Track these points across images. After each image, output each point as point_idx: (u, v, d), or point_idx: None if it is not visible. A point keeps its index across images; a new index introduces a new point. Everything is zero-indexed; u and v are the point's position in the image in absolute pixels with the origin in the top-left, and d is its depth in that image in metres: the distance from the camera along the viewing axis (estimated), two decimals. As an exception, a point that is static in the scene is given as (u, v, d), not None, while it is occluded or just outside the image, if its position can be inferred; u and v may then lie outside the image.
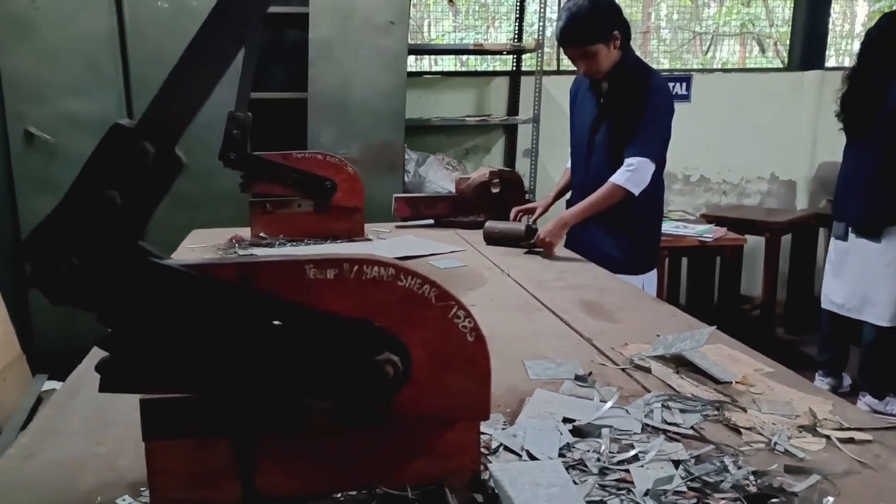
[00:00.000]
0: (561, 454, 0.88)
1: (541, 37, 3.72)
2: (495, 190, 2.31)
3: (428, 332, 0.73)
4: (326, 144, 2.94)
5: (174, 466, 0.76)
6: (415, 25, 4.73)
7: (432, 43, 4.38)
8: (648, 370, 1.15)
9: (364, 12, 3.01)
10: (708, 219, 3.77)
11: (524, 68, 3.97)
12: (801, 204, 4.37)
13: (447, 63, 4.52)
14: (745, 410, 1.01)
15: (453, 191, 2.47)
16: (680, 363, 1.17)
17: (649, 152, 2.10)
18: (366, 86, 3.03)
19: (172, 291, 0.70)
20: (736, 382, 1.10)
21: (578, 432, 0.94)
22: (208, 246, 2.13)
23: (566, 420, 0.97)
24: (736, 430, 0.95)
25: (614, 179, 2.10)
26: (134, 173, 0.68)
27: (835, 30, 4.82)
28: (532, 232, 2.11)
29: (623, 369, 1.17)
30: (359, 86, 3.02)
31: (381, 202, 2.48)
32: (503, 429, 0.95)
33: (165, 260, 0.70)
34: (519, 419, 0.97)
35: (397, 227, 2.41)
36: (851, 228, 3.00)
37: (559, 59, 4.11)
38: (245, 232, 2.21)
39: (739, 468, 0.84)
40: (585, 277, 1.78)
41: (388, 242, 2.16)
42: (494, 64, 4.33)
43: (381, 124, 3.04)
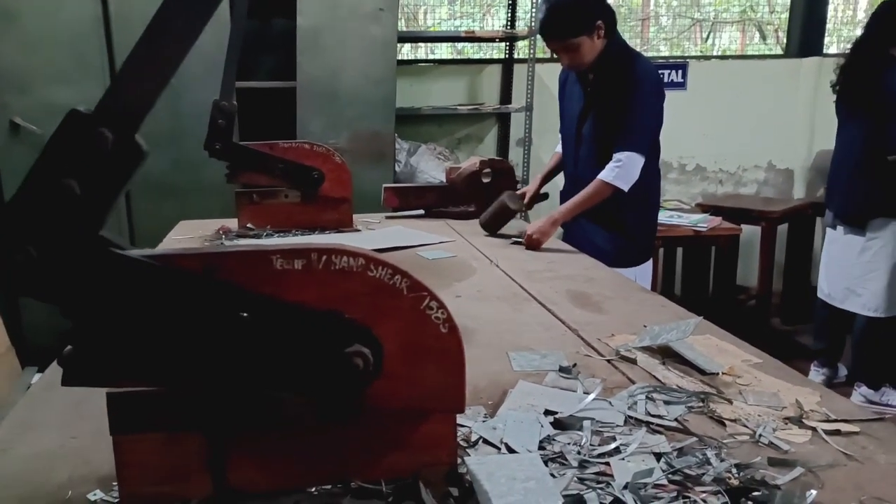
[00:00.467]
0: (541, 447, 0.86)
1: (534, 24, 3.68)
2: (486, 180, 2.29)
3: (399, 324, 0.71)
4: (316, 134, 2.90)
5: (143, 460, 0.75)
6: (410, 13, 4.68)
7: (431, 30, 4.33)
8: (634, 361, 1.13)
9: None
10: (703, 208, 3.74)
11: (517, 56, 3.92)
12: (799, 193, 4.34)
13: (443, 51, 4.47)
14: (731, 402, 0.99)
15: (444, 181, 2.45)
16: (667, 354, 1.15)
17: (637, 146, 2.05)
18: (355, 74, 2.99)
19: (134, 283, 0.67)
20: (723, 373, 1.08)
21: (560, 425, 0.92)
22: (195, 237, 2.10)
23: (548, 412, 0.95)
24: (720, 422, 0.93)
25: (602, 176, 2.06)
26: (93, 161, 0.65)
27: (836, 16, 4.77)
28: (516, 200, 2.11)
29: (608, 361, 1.15)
30: (348, 74, 2.98)
31: (372, 192, 2.46)
32: (483, 421, 0.93)
33: (127, 250, 0.68)
34: (500, 411, 0.96)
35: (387, 218, 2.39)
36: (837, 218, 2.98)
37: (552, 47, 4.07)
38: (233, 223, 2.19)
39: (722, 461, 0.83)
40: (575, 268, 1.76)
41: (377, 233, 2.14)
42: (492, 52, 4.29)
43: (371, 113, 3.00)
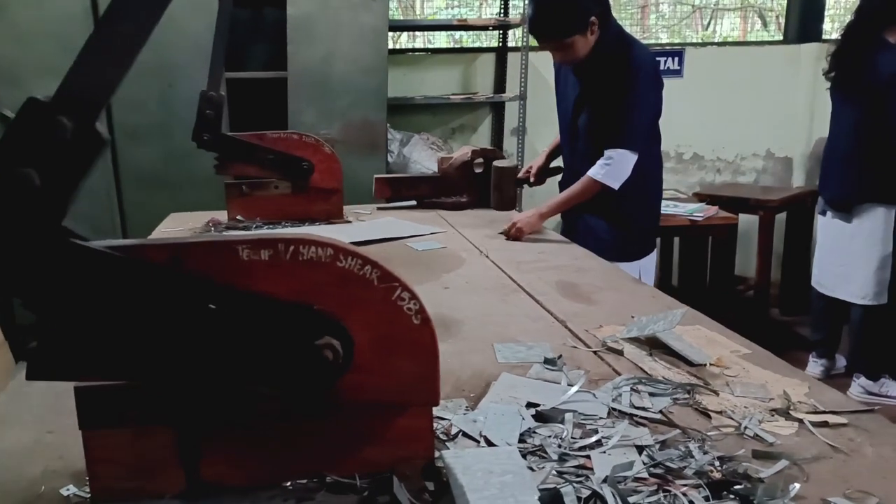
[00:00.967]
0: (522, 440, 0.85)
1: (527, 12, 3.63)
2: (478, 170, 2.27)
3: (371, 315, 0.69)
4: (308, 124, 2.88)
5: (113, 456, 0.73)
6: (407, 2, 4.64)
7: (426, 19, 4.29)
8: (621, 353, 1.12)
9: (343, -13, 2.94)
10: (700, 197, 3.71)
11: (510, 44, 3.88)
12: (798, 181, 4.30)
13: (442, 41, 4.43)
14: (717, 394, 0.98)
15: (437, 171, 2.42)
16: (654, 345, 1.14)
17: (629, 143, 2.00)
18: (346, 63, 2.96)
19: (97, 275, 0.66)
20: (710, 365, 1.07)
21: (541, 417, 0.90)
22: (184, 229, 2.09)
23: (530, 405, 0.93)
24: (705, 414, 0.92)
25: (591, 174, 2.01)
26: (52, 150, 0.64)
27: (839, 2, 4.71)
28: (504, 161, 2.14)
29: (595, 352, 1.13)
30: (339, 64, 2.95)
31: (365, 183, 2.43)
32: (464, 414, 0.92)
33: (90, 242, 0.66)
34: (481, 404, 0.94)
35: (378, 209, 2.37)
36: (828, 204, 2.96)
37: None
38: (223, 215, 2.17)
39: (706, 453, 0.81)
40: (566, 258, 1.74)
41: (368, 224, 2.12)
42: (489, 41, 4.25)
43: (363, 103, 2.97)
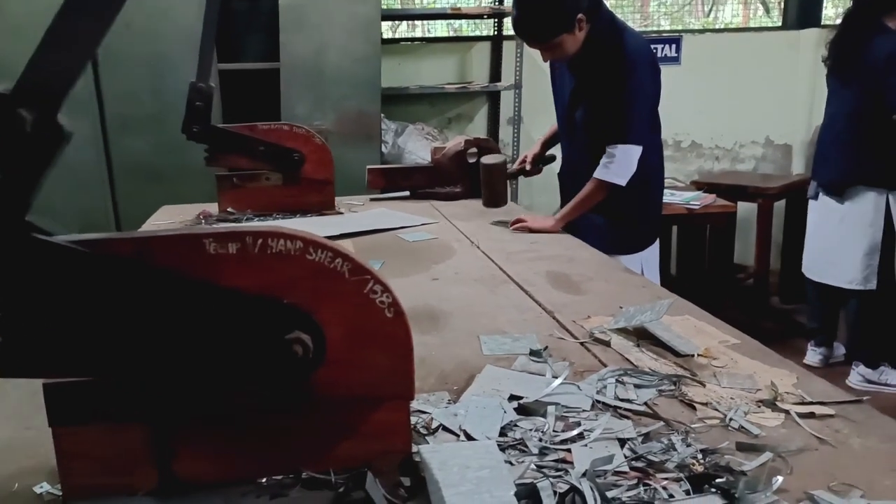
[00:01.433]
0: (503, 433, 0.83)
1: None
2: (472, 160, 2.25)
3: (342, 309, 0.68)
4: (301, 115, 2.86)
5: (84, 452, 0.72)
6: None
7: (426, 8, 4.25)
8: (608, 344, 1.10)
9: (336, -23, 2.91)
10: (698, 185, 3.68)
11: (506, 33, 3.84)
12: (798, 168, 4.27)
13: (441, 30, 4.39)
14: (704, 385, 0.96)
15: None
16: (642, 336, 1.12)
17: (632, 137, 1.93)
18: (339, 53, 2.93)
19: (62, 270, 0.64)
20: (698, 355, 1.05)
21: (524, 410, 0.89)
22: (175, 222, 2.07)
23: (513, 398, 0.92)
24: (691, 406, 0.90)
25: (598, 175, 1.94)
26: (12, 143, 0.62)
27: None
28: (493, 157, 2.09)
29: (582, 343, 1.12)
30: (332, 54, 2.93)
31: (359, 174, 2.41)
32: (446, 407, 0.90)
33: (54, 236, 0.65)
34: (462, 397, 0.93)
35: (371, 200, 2.35)
36: (820, 187, 2.94)
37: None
38: (215, 207, 2.16)
39: (689, 446, 0.80)
40: (557, 248, 1.73)
41: (360, 216, 2.11)
42: (487, 30, 4.21)
43: (357, 93, 2.95)
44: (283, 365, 0.67)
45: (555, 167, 2.32)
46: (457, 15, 3.64)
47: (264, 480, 0.75)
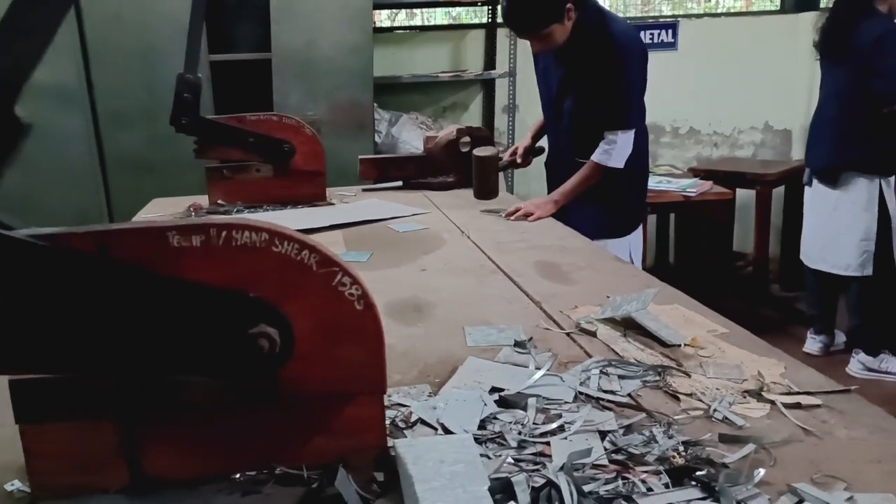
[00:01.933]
0: (483, 427, 0.82)
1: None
2: (464, 149, 2.22)
3: (310, 302, 0.66)
4: (293, 106, 2.83)
5: (52, 450, 0.71)
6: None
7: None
8: (594, 334, 1.09)
9: (326, -35, 2.88)
10: (696, 172, 3.65)
11: (500, 20, 3.79)
12: (798, 154, 4.21)
13: (440, 17, 4.35)
14: (689, 375, 0.94)
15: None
16: (629, 326, 1.10)
17: (628, 123, 1.99)
18: (331, 43, 2.90)
19: (21, 264, 0.63)
20: (685, 345, 1.03)
21: (505, 403, 0.88)
22: (165, 214, 2.06)
23: (494, 390, 0.91)
24: (675, 397, 0.89)
25: (597, 159, 1.99)
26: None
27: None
28: (484, 149, 2.05)
29: (568, 334, 1.10)
30: (324, 43, 2.90)
31: (352, 164, 2.39)
32: (426, 400, 0.89)
33: (13, 231, 0.64)
34: (442, 390, 0.91)
35: (364, 191, 2.34)
36: (814, 174, 2.91)
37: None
38: (206, 200, 2.14)
39: (670, 438, 0.78)
40: (548, 238, 1.71)
41: (351, 206, 2.09)
42: (481, 17, 4.16)
43: (349, 83, 2.92)
44: (249, 360, 0.65)
45: (543, 157, 2.33)
46: (450, 2, 3.61)
47: (238, 476, 0.74)
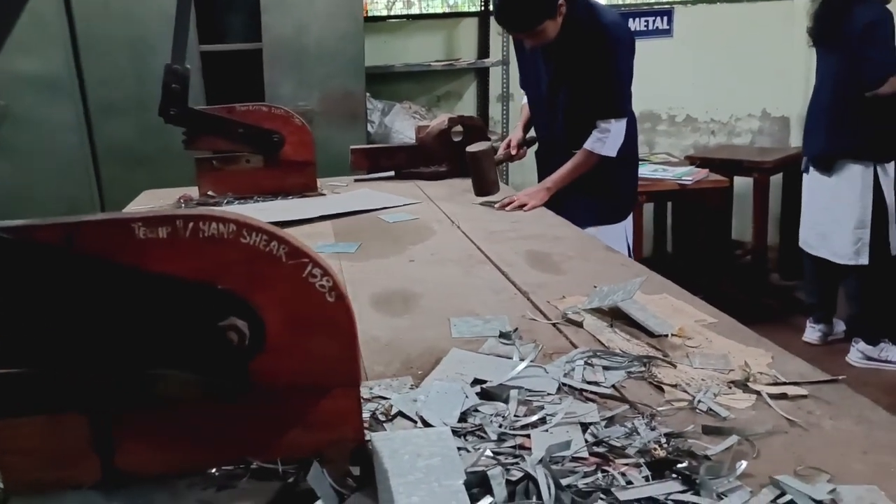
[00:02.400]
0: (463, 419, 0.81)
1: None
2: (457, 138, 2.20)
3: (280, 294, 0.65)
4: (285, 96, 2.81)
5: (24, 445, 0.70)
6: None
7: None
8: (580, 325, 1.07)
9: (316, -47, 2.85)
10: (692, 160, 3.61)
11: (492, 7, 3.77)
12: (796, 141, 4.16)
13: (436, 5, 4.30)
14: (675, 366, 0.93)
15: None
16: (616, 316, 1.09)
17: (620, 112, 1.99)
18: (322, 32, 2.87)
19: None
20: (672, 335, 1.02)
21: (487, 395, 0.86)
22: (155, 206, 2.04)
23: (476, 381, 0.89)
24: (659, 388, 0.87)
25: (590, 147, 1.99)
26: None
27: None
28: (479, 144, 2.00)
29: (554, 324, 1.09)
30: (314, 32, 2.87)
31: (345, 154, 2.37)
32: (407, 393, 0.88)
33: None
34: (424, 382, 0.90)
35: (356, 181, 2.32)
36: (810, 161, 2.89)
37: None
38: (196, 192, 2.12)
39: (653, 430, 0.77)
40: (539, 227, 1.69)
41: (342, 197, 2.07)
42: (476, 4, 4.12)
43: (341, 72, 2.90)
44: (219, 353, 0.64)
45: (535, 147, 2.32)
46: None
47: (214, 471, 0.73)
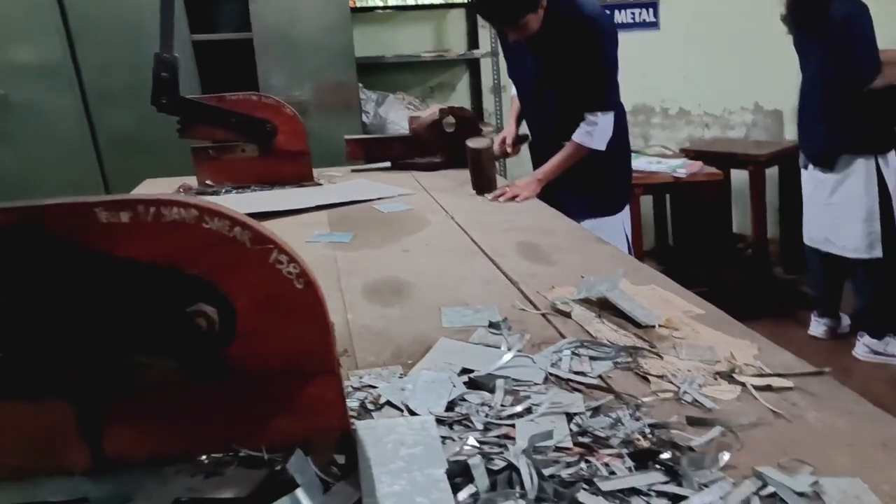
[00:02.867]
0: (451, 408, 0.81)
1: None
2: (449, 129, 2.20)
3: (247, 280, 0.65)
4: (278, 86, 2.80)
5: (8, 432, 0.70)
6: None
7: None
8: (569, 315, 1.08)
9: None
10: (688, 153, 3.60)
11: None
12: (791, 135, 4.15)
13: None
14: (661, 357, 0.94)
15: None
16: (604, 307, 1.09)
17: (607, 104, 1.99)
18: (310, 22, 2.85)
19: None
20: (660, 326, 1.03)
21: (474, 384, 0.87)
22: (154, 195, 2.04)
23: (464, 371, 0.90)
24: (645, 379, 0.88)
25: (578, 139, 1.99)
26: None
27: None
28: (478, 140, 1.99)
29: (543, 314, 1.09)
30: (303, 23, 2.85)
31: (341, 145, 2.37)
32: (395, 382, 0.88)
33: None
34: (412, 371, 0.91)
35: (353, 171, 2.32)
36: (808, 158, 2.87)
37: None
38: (195, 181, 2.12)
39: (638, 420, 0.77)
40: (532, 219, 1.69)
41: (339, 186, 2.07)
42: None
43: (331, 63, 2.88)
44: (189, 338, 0.64)
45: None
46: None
47: (203, 458, 0.73)
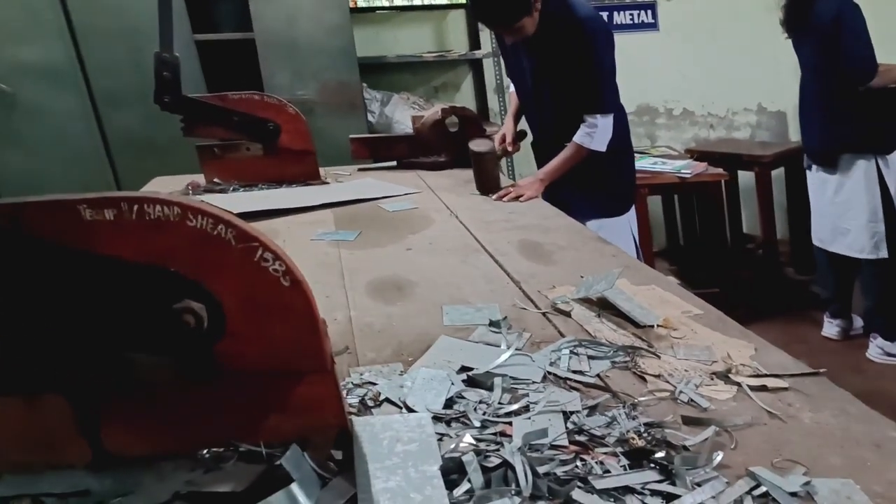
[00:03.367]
0: (449, 406, 0.82)
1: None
2: (452, 129, 2.21)
3: (233, 278, 0.65)
4: (283, 86, 2.81)
5: (6, 426, 0.71)
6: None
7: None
8: (569, 314, 1.08)
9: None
10: (693, 154, 3.60)
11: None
12: (796, 136, 4.14)
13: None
14: (659, 356, 0.94)
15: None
16: (604, 306, 1.10)
17: (607, 107, 2.00)
18: (310, 23, 2.86)
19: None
20: (658, 326, 1.03)
21: (473, 382, 0.88)
22: (163, 193, 2.06)
23: (464, 369, 0.91)
24: (643, 378, 0.88)
25: (579, 141, 2.00)
26: None
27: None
28: (481, 143, 1.99)
29: (543, 313, 1.10)
30: (304, 23, 2.86)
31: (347, 144, 2.38)
32: (395, 379, 0.89)
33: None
34: (411, 368, 0.92)
35: (359, 170, 2.33)
36: (811, 158, 2.86)
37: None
38: (203, 179, 2.14)
39: (633, 419, 0.78)
40: (534, 218, 1.70)
41: (345, 185, 2.08)
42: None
43: (334, 63, 2.89)
44: (177, 336, 0.65)
45: (529, 137, 2.33)
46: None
47: (205, 453, 0.74)
